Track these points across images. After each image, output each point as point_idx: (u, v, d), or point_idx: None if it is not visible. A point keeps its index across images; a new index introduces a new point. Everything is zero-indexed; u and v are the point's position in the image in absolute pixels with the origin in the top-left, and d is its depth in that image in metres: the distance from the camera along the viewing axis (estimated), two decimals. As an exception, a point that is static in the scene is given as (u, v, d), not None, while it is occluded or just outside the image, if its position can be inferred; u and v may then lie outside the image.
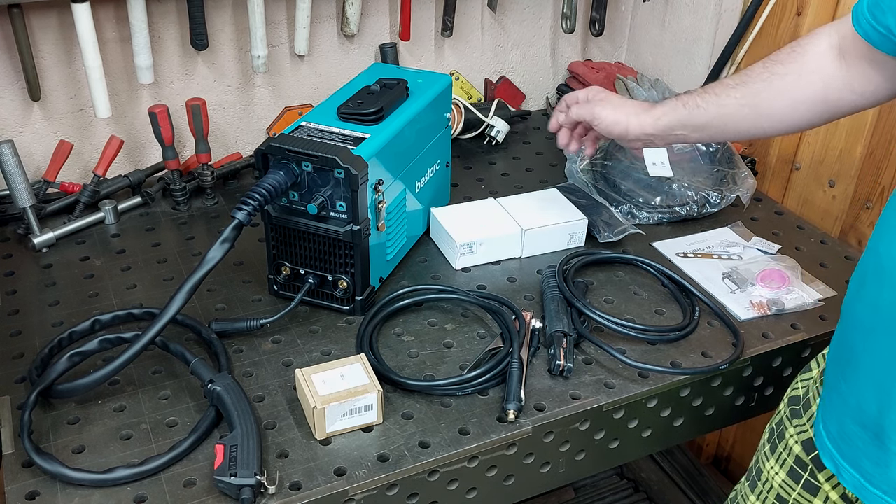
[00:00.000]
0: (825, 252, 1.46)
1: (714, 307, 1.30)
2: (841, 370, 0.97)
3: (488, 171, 1.70)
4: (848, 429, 0.95)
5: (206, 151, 1.53)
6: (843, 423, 0.95)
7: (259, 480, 0.96)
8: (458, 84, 1.83)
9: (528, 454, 1.11)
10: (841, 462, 0.96)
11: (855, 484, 0.95)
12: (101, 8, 1.45)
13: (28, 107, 1.49)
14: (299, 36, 1.62)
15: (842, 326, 0.99)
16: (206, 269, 1.10)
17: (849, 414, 0.94)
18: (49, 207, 1.48)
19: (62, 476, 0.97)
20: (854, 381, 0.94)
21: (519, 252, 1.42)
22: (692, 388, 1.21)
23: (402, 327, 1.25)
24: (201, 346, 1.20)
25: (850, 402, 0.94)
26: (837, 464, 0.97)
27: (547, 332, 1.21)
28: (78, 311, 1.26)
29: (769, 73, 1.14)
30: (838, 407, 0.97)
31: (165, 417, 1.08)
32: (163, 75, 1.57)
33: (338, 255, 1.23)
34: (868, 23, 0.99)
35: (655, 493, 1.95)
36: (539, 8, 1.88)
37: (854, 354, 0.94)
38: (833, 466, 0.98)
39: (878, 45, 1.00)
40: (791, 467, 1.06)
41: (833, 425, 0.97)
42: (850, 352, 0.95)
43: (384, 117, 1.28)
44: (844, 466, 0.96)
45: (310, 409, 1.04)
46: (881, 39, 0.99)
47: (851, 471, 0.95)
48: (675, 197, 1.53)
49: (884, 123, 1.49)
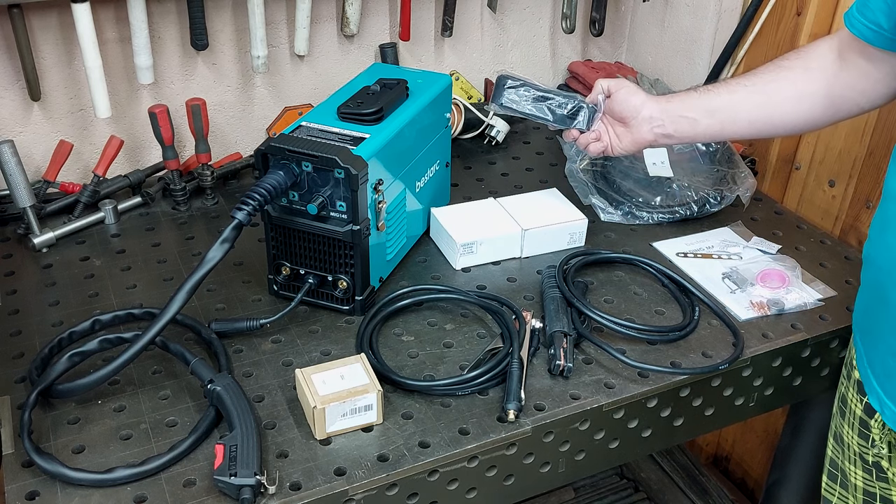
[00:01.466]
0: (825, 252, 1.46)
1: (714, 307, 1.30)
2: (875, 313, 1.05)
3: (488, 171, 1.70)
4: (889, 366, 1.02)
5: (206, 151, 1.53)
6: (887, 362, 1.03)
7: (259, 480, 0.96)
8: (458, 84, 1.83)
9: (528, 454, 1.11)
10: (885, 399, 1.04)
11: (894, 419, 1.03)
12: (101, 8, 1.45)
13: (28, 107, 1.49)
14: (299, 36, 1.62)
15: (868, 272, 1.08)
16: (206, 269, 1.10)
17: (888, 352, 1.02)
18: (49, 207, 1.48)
19: (62, 476, 0.97)
20: (889, 318, 1.01)
21: (519, 252, 1.42)
22: (692, 388, 1.21)
23: (401, 327, 1.25)
24: (201, 346, 1.20)
25: (889, 340, 1.02)
26: (882, 402, 1.05)
27: (547, 332, 1.21)
28: (78, 311, 1.26)
29: (776, 66, 1.21)
30: (880, 347, 1.05)
31: (165, 417, 1.08)
32: (163, 75, 1.57)
33: (338, 255, 1.23)
34: (860, 23, 1.08)
35: (655, 493, 1.95)
36: (539, 8, 1.88)
37: (885, 294, 1.02)
38: (878, 404, 1.06)
39: (872, 42, 1.08)
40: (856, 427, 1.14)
41: (879, 366, 1.05)
42: (881, 293, 1.03)
43: (384, 117, 1.28)
44: (886, 403, 1.04)
45: (310, 409, 1.04)
46: (874, 36, 1.08)
47: (892, 405, 1.03)
48: (675, 197, 1.53)
49: (884, 123, 1.49)
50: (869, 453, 1.12)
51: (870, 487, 1.14)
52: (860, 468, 1.15)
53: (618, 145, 1.35)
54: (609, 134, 1.36)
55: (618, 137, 1.35)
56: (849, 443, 1.16)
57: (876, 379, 1.07)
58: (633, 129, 1.32)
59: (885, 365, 1.04)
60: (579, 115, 1.36)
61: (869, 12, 1.07)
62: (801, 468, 1.49)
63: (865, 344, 1.10)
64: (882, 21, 1.05)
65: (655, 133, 1.30)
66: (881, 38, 1.07)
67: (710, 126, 1.26)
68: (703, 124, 1.26)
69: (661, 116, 1.28)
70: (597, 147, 1.36)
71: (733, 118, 1.24)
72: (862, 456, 1.14)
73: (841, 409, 1.18)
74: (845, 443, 1.17)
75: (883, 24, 1.05)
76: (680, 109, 1.27)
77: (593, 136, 1.36)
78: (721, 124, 1.26)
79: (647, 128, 1.30)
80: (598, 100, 1.35)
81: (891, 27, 1.05)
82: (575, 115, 1.36)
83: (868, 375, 1.09)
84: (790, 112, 1.21)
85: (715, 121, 1.26)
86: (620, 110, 1.32)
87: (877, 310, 1.06)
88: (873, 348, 1.07)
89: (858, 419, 1.13)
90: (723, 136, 1.32)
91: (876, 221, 1.07)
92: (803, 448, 1.48)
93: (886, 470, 1.10)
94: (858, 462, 1.15)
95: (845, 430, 1.17)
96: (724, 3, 1.73)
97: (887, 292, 1.02)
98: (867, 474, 1.14)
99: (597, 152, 1.38)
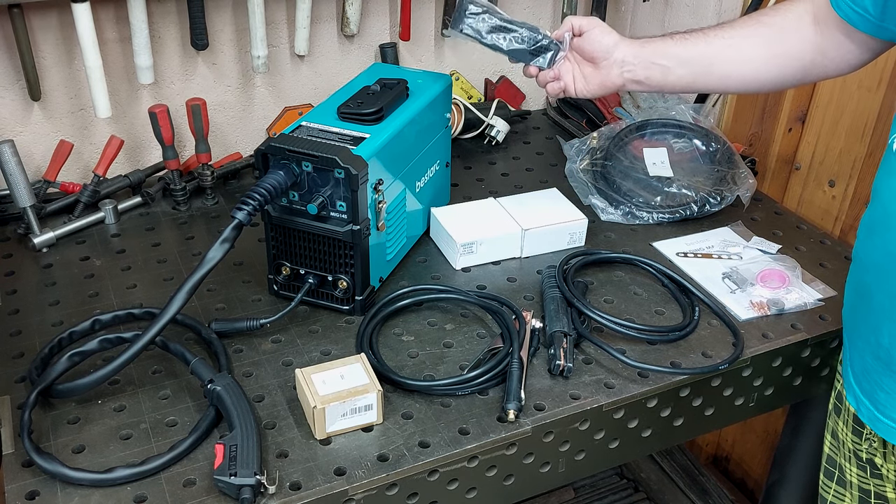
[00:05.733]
0: (825, 252, 1.46)
1: (714, 307, 1.30)
2: (858, 312, 1.07)
3: (488, 171, 1.70)
4: (868, 364, 1.04)
5: (206, 151, 1.53)
6: (865, 360, 1.05)
7: (259, 480, 0.96)
8: (458, 84, 1.83)
9: (527, 454, 1.11)
10: (861, 397, 1.06)
11: (869, 416, 1.05)
12: (101, 8, 1.46)
13: (28, 107, 1.49)
14: (299, 36, 1.62)
15: (855, 271, 1.09)
16: (206, 269, 1.10)
17: (869, 350, 1.03)
18: (49, 207, 1.48)
19: (62, 476, 0.97)
20: (871, 318, 1.03)
21: (519, 252, 1.42)
22: (692, 388, 1.21)
23: (401, 327, 1.25)
24: (201, 346, 1.20)
25: (870, 340, 1.03)
26: (858, 400, 1.07)
27: (547, 332, 1.21)
28: (78, 311, 1.26)
29: (756, 22, 1.20)
30: (860, 346, 1.06)
31: (165, 417, 1.08)
32: (163, 75, 1.57)
33: (338, 255, 1.23)
34: (847, 5, 1.08)
35: (655, 493, 1.95)
36: (539, 8, 1.88)
37: (869, 294, 1.03)
38: (854, 402, 1.08)
39: (857, 25, 1.09)
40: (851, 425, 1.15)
41: (857, 364, 1.07)
42: (865, 292, 1.04)
43: (384, 117, 1.28)
44: (863, 401, 1.06)
45: (310, 408, 1.04)
46: (860, 19, 1.08)
47: (868, 404, 1.05)
48: (675, 197, 1.53)
49: (884, 123, 1.49)
50: (862, 450, 1.13)
51: (864, 484, 1.15)
52: (855, 465, 1.15)
53: (583, 87, 1.28)
54: (575, 74, 1.28)
55: (584, 79, 1.27)
56: (843, 440, 1.17)
57: (854, 377, 1.08)
58: (602, 71, 1.26)
59: (864, 363, 1.05)
60: (542, 51, 1.27)
61: None
62: (801, 468, 1.49)
63: (848, 342, 1.12)
64: (868, 6, 1.06)
65: (625, 77, 1.25)
66: (866, 23, 1.08)
67: (683, 77, 1.23)
68: (675, 73, 1.23)
69: (634, 61, 1.23)
70: (555, 87, 1.29)
71: (707, 70, 1.22)
72: (856, 453, 1.14)
73: (836, 407, 1.19)
74: (840, 440, 1.18)
75: (869, 9, 1.06)
76: (653, 55, 1.22)
77: (552, 74, 1.28)
78: (693, 76, 1.23)
79: (617, 71, 1.24)
80: (565, 38, 1.27)
81: (877, 13, 1.05)
82: (538, 51, 1.27)
83: (847, 373, 1.10)
84: (762, 71, 1.20)
85: (687, 71, 1.23)
86: (591, 50, 1.25)
87: (859, 309, 1.07)
88: (854, 347, 1.09)
89: (852, 416, 1.13)
90: (694, 87, 1.29)
91: (864, 222, 1.07)
92: (803, 448, 1.48)
93: (880, 467, 1.11)
94: (853, 459, 1.15)
95: (840, 427, 1.17)
96: (724, 3, 1.73)
97: (871, 292, 1.03)
98: (861, 471, 1.15)
99: (554, 93, 1.30)
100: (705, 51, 1.21)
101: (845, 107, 1.55)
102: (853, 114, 1.54)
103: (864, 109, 1.52)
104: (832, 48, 1.14)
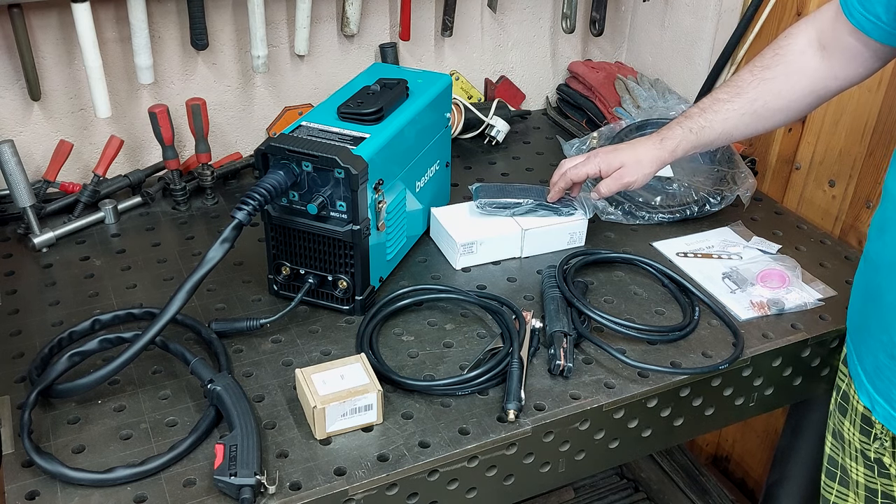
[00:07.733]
0: (825, 252, 1.46)
1: (714, 307, 1.30)
2: (870, 311, 1.08)
3: (488, 171, 1.70)
4: (881, 363, 1.04)
5: (206, 151, 1.53)
6: (878, 359, 1.05)
7: (259, 480, 0.96)
8: (458, 84, 1.83)
9: (527, 454, 1.11)
10: (875, 396, 1.07)
11: (885, 415, 1.05)
12: (101, 8, 1.45)
13: (28, 107, 1.49)
14: (299, 36, 1.62)
15: (865, 270, 1.10)
16: (206, 268, 1.10)
17: (881, 349, 1.04)
18: (49, 207, 1.48)
19: (62, 476, 0.97)
20: (884, 317, 1.04)
21: (519, 252, 1.42)
22: (692, 388, 1.21)
23: (401, 327, 1.25)
24: (201, 346, 1.20)
25: (882, 338, 1.03)
26: (872, 399, 1.07)
27: (547, 332, 1.21)
28: (78, 311, 1.26)
29: (759, 79, 1.24)
30: (871, 345, 1.07)
31: (165, 417, 1.08)
32: (163, 75, 1.57)
33: (338, 254, 1.23)
34: (860, 14, 1.09)
35: (655, 493, 1.95)
36: (539, 8, 1.88)
37: (881, 293, 1.04)
38: (868, 401, 1.08)
39: (869, 33, 1.10)
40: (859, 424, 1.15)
41: (869, 363, 1.07)
42: (876, 291, 1.06)
43: (384, 117, 1.28)
44: (877, 400, 1.06)
45: (310, 408, 1.04)
46: (872, 27, 1.09)
47: (883, 403, 1.05)
48: (675, 197, 1.53)
49: (884, 123, 1.49)
50: (871, 449, 1.12)
51: (871, 484, 1.15)
52: (861, 465, 1.15)
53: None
54: None
55: None
56: (850, 439, 1.16)
57: (866, 376, 1.09)
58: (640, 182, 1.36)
59: (877, 362, 1.06)
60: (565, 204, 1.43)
61: (869, 3, 1.08)
62: (801, 468, 1.49)
63: (856, 342, 1.12)
64: (881, 13, 1.07)
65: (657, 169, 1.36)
66: (878, 30, 1.09)
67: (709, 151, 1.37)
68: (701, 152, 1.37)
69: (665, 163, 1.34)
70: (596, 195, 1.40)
71: (730, 139, 1.31)
72: (863, 452, 1.14)
73: (841, 406, 1.19)
74: (846, 439, 1.18)
75: (882, 17, 1.07)
76: (684, 153, 1.32)
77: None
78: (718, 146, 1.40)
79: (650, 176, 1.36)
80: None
81: (889, 20, 1.06)
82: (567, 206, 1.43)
83: (858, 373, 1.10)
84: (781, 118, 1.27)
85: (713, 146, 1.35)
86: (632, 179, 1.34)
87: (870, 308, 1.08)
88: (864, 346, 1.09)
89: (860, 415, 1.13)
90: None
91: (875, 221, 1.08)
92: (803, 448, 1.48)
93: (889, 466, 1.11)
94: (860, 458, 1.15)
95: (846, 427, 1.17)
96: (724, 3, 1.73)
97: (882, 291, 1.04)
98: (869, 471, 1.14)
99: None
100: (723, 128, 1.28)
101: (845, 107, 1.55)
102: (853, 114, 1.54)
103: (865, 109, 1.52)
104: (841, 67, 1.17)
